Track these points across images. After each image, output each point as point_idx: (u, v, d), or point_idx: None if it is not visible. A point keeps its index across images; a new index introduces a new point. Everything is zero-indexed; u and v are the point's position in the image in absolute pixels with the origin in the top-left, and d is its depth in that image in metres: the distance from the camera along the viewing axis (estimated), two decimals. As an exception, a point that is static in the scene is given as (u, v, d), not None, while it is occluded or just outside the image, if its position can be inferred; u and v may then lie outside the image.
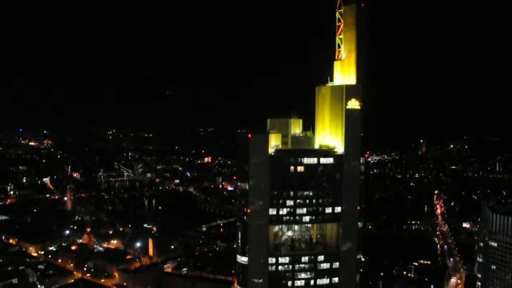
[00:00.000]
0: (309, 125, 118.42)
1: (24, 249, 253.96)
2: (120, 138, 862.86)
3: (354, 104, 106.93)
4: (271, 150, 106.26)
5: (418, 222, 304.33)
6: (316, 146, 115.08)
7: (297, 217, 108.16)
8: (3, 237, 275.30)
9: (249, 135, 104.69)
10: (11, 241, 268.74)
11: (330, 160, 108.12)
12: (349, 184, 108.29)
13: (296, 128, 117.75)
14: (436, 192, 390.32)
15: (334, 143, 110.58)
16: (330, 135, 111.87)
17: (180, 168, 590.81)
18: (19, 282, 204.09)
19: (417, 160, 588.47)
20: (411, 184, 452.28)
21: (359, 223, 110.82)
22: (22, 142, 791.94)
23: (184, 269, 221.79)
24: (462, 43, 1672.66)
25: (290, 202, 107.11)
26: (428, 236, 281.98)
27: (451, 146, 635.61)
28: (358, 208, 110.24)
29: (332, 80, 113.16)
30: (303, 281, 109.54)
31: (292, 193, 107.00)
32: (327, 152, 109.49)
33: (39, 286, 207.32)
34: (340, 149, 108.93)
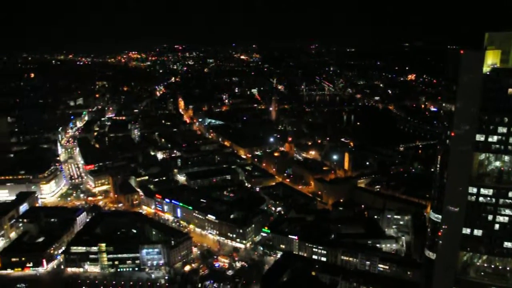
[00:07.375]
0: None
1: (235, 151, 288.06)
2: (322, 52, 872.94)
3: None
4: (486, 69, 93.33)
5: None
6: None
7: (509, 147, 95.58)
8: (220, 139, 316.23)
9: (461, 51, 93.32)
10: (225, 143, 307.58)
11: None
12: None
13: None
14: None
15: None
16: None
17: (381, 85, 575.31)
18: (232, 178, 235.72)
19: None
20: None
21: None
22: (235, 55, 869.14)
23: (377, 186, 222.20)
24: None
25: (502, 129, 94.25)
26: None
27: None
28: None
29: None
30: (506, 218, 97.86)
31: (506, 119, 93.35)
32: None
33: (246, 183, 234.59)
34: None
